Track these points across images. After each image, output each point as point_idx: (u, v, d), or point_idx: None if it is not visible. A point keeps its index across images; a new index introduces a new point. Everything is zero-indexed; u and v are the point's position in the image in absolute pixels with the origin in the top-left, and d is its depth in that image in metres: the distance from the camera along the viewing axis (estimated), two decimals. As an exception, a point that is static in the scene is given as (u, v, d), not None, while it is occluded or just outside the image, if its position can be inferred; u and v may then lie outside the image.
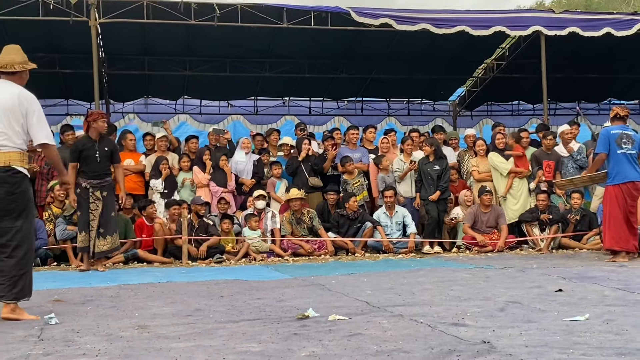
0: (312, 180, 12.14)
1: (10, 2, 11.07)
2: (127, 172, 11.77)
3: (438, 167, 11.67)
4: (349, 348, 4.05)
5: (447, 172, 11.76)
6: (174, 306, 6.01)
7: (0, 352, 4.12)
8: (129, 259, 10.63)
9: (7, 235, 5.50)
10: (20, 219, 5.53)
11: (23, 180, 5.64)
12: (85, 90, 13.62)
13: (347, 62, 15.51)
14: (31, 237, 5.74)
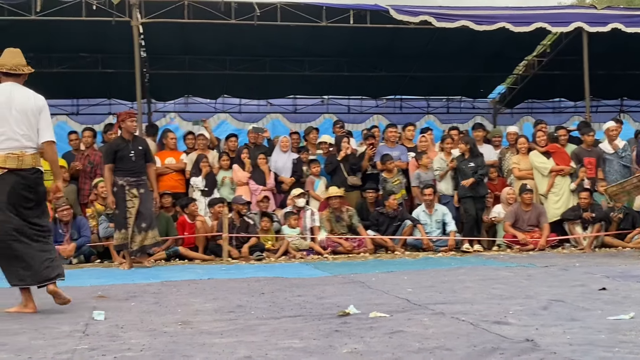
0: (350, 179, 12.13)
1: (54, 3, 11.23)
2: (168, 171, 11.92)
3: (473, 165, 11.59)
4: (390, 345, 4.05)
5: (482, 169, 11.66)
6: (215, 302, 6.07)
7: (47, 347, 4.19)
8: (170, 256, 10.74)
9: (47, 226, 5.94)
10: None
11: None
12: (128, 90, 13.75)
13: (386, 60, 15.45)
14: None
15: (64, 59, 14.18)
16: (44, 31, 12.91)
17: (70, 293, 6.83)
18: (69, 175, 11.70)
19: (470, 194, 11.56)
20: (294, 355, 3.85)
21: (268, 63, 15.03)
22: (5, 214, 5.63)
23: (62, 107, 16.42)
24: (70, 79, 15.12)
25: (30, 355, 3.95)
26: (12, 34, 12.82)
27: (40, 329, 4.83)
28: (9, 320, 5.24)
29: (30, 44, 13.54)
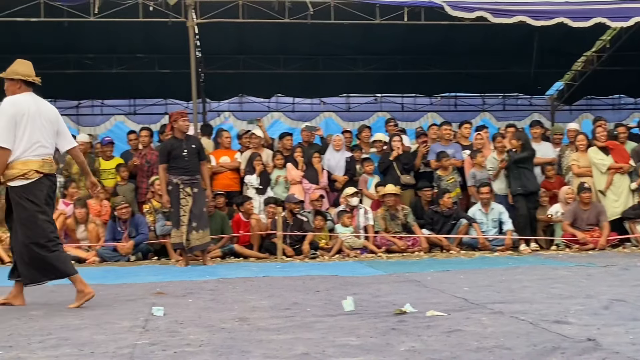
0: (403, 178, 12.06)
1: (112, 5, 11.41)
2: (223, 169, 12.02)
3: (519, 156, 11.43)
4: (448, 344, 4.02)
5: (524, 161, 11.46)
6: (271, 299, 6.10)
7: (109, 342, 4.26)
8: (226, 253, 10.84)
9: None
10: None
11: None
12: (183, 90, 13.95)
13: (440, 57, 15.35)
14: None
15: (121, 60, 14.42)
16: (102, 33, 13.15)
17: (130, 289, 7.00)
18: (127, 174, 11.89)
19: (521, 191, 11.39)
20: (351, 353, 3.85)
21: (321, 62, 15.07)
22: (47, 215, 5.94)
23: (120, 107, 16.72)
24: (128, 79, 15.38)
25: (93, 350, 4.02)
26: (71, 35, 13.16)
27: (101, 324, 4.92)
28: (70, 316, 5.35)
29: (89, 45, 13.89)
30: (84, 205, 10.90)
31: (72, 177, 11.71)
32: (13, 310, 5.68)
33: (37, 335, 4.54)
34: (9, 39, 13.33)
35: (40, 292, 6.93)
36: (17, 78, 6.08)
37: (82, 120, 16.80)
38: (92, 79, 15.27)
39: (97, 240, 10.85)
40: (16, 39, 13.39)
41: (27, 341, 4.34)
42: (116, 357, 3.83)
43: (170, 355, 3.87)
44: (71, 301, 6.07)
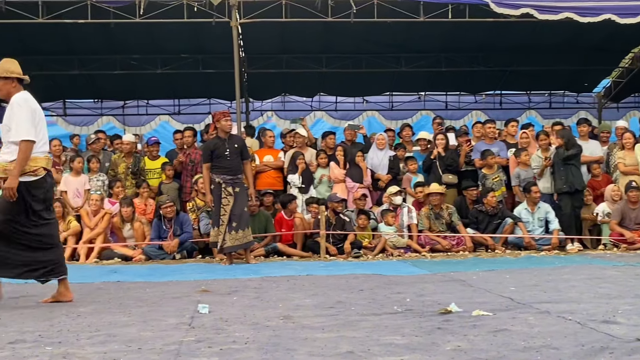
0: (445, 177, 11.97)
1: (157, 6, 11.53)
2: (267, 168, 12.07)
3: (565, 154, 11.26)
4: (495, 343, 3.99)
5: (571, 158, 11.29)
6: (315, 298, 6.10)
7: (155, 339, 4.30)
8: (269, 252, 10.88)
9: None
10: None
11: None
12: (226, 89, 14.03)
13: (485, 54, 15.22)
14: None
15: (166, 61, 14.56)
16: (148, 33, 13.29)
17: (175, 287, 7.07)
18: (172, 172, 12.00)
19: (566, 189, 11.23)
20: (397, 352, 3.83)
21: (364, 60, 15.03)
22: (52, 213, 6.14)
23: (164, 107, 16.90)
24: (172, 79, 15.54)
25: (140, 346, 4.07)
26: (117, 36, 13.33)
27: (148, 321, 4.97)
28: (118, 313, 5.41)
29: (135, 46, 14.06)
30: (130, 204, 11.03)
31: (119, 176, 11.86)
32: (61, 307, 5.76)
33: (86, 331, 4.61)
34: (58, 40, 13.57)
35: (87, 289, 7.05)
36: (12, 77, 6.12)
37: (128, 120, 17.03)
38: (137, 79, 15.46)
39: (142, 238, 10.97)
40: (64, 41, 13.64)
41: (75, 337, 4.40)
42: (163, 354, 3.87)
43: (216, 352, 3.90)
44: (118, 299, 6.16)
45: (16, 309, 5.72)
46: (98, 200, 11.09)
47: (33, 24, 11.76)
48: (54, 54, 14.27)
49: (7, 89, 6.10)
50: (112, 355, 3.85)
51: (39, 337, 4.42)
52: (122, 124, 16.94)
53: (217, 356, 3.80)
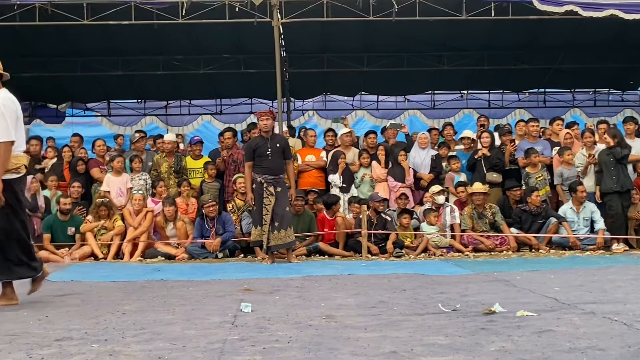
0: (490, 175, 11.86)
1: (199, 7, 11.62)
2: (309, 168, 12.09)
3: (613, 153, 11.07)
4: (540, 344, 3.95)
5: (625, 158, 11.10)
6: (357, 298, 6.10)
7: (199, 337, 4.34)
8: (311, 251, 10.90)
9: None
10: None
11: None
12: (268, 89, 14.08)
13: (528, 52, 15.07)
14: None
15: (208, 61, 14.67)
16: (190, 34, 13.40)
17: (218, 286, 7.11)
18: (215, 172, 12.08)
19: (617, 189, 11.05)
20: (440, 352, 3.81)
21: (406, 59, 14.97)
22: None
23: (206, 107, 17.03)
24: (214, 79, 15.65)
25: (184, 345, 4.10)
26: (160, 37, 13.47)
27: (191, 319, 5.01)
28: (162, 311, 5.46)
29: (177, 47, 14.19)
30: (173, 203, 11.14)
31: (161, 176, 11.98)
32: (107, 305, 5.84)
33: (131, 329, 4.66)
34: (102, 42, 13.75)
35: (132, 287, 7.14)
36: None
37: (171, 120, 17.21)
38: (180, 79, 15.61)
39: (185, 237, 11.07)
40: (108, 42, 13.81)
41: (121, 335, 4.46)
42: (207, 352, 3.89)
43: (259, 351, 3.91)
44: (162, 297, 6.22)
45: (62, 307, 5.80)
46: (140, 200, 11.22)
47: (78, 26, 11.93)
48: (98, 55, 14.48)
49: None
50: (157, 353, 3.89)
51: (86, 335, 4.48)
52: (165, 124, 17.13)
53: (260, 355, 3.82)
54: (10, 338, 4.40)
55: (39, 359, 3.82)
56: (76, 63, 14.48)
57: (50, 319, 5.16)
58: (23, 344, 4.21)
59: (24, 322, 4.99)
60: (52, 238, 10.94)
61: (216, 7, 11.63)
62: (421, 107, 17.28)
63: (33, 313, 5.44)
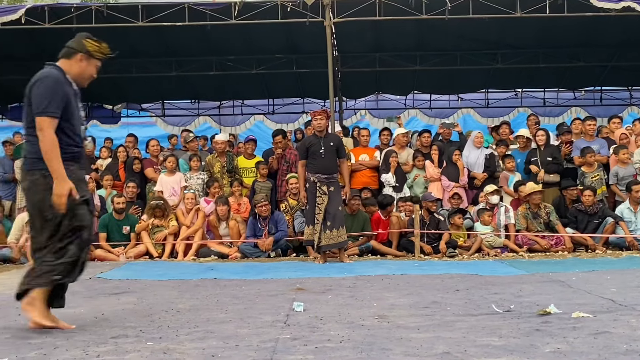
0: (546, 176, 11.68)
1: (251, 7, 11.69)
2: (362, 167, 12.08)
3: None
4: (596, 346, 3.88)
5: None
6: (410, 298, 6.07)
7: (252, 335, 4.37)
8: (363, 251, 10.88)
9: None
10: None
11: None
12: (320, 89, 14.10)
13: (584, 49, 14.79)
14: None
15: (260, 61, 14.75)
16: (243, 34, 13.48)
17: (271, 285, 7.15)
18: (266, 172, 12.14)
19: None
20: (494, 353, 3.77)
21: (459, 57, 14.84)
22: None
23: (259, 107, 17.13)
24: (267, 79, 15.73)
25: (237, 343, 4.13)
26: (213, 37, 13.60)
27: (244, 318, 5.05)
28: (215, 310, 5.52)
29: (231, 47, 14.30)
30: (226, 203, 11.23)
31: (214, 176, 12.09)
32: (161, 304, 5.91)
33: (185, 327, 4.72)
34: (157, 43, 13.93)
35: (186, 286, 7.22)
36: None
37: (223, 120, 17.35)
38: (232, 79, 15.72)
39: (238, 236, 11.15)
40: (163, 43, 13.99)
41: (175, 333, 4.51)
42: (260, 351, 3.92)
43: (311, 350, 3.92)
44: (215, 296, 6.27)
45: (118, 305, 5.90)
46: (192, 198, 11.35)
47: (133, 27, 12.12)
48: (152, 56, 14.68)
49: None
50: (211, 352, 3.92)
51: (140, 333, 4.55)
52: (218, 123, 17.28)
53: (313, 354, 3.82)
54: (67, 335, 4.49)
55: (95, 356, 3.89)
56: (131, 64, 14.68)
57: (106, 316, 5.25)
58: (80, 341, 4.28)
59: (81, 320, 5.08)
60: (108, 237, 11.13)
61: (269, 7, 11.68)
62: (475, 105, 17.12)
63: (89, 311, 5.55)
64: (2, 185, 12.51)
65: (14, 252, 10.48)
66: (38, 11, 11.64)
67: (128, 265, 9.88)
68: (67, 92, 4.81)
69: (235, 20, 11.72)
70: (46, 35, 12.80)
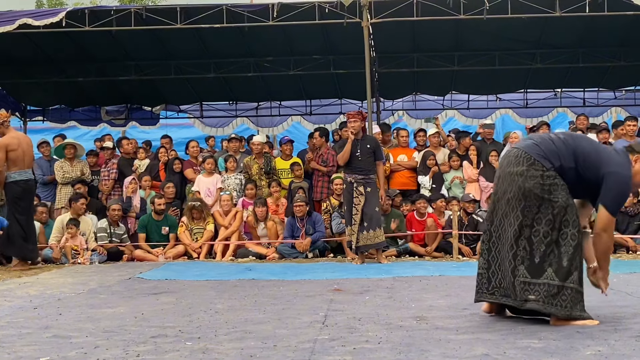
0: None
1: (289, 9, 11.72)
2: (400, 168, 12.05)
3: None
4: (637, 348, 3.84)
5: None
6: (448, 299, 6.04)
7: (290, 336, 4.38)
8: (401, 252, 10.85)
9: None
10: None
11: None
12: (357, 90, 14.09)
13: (625, 48, 14.55)
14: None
15: (298, 62, 14.77)
16: (280, 35, 13.53)
17: (308, 286, 7.16)
18: (302, 172, 12.17)
19: None
20: (534, 355, 3.74)
21: (497, 57, 14.71)
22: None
23: (296, 108, 17.14)
24: (304, 80, 15.74)
25: (275, 344, 4.15)
26: (251, 39, 13.66)
27: (282, 318, 5.06)
28: (253, 310, 5.54)
29: (268, 48, 14.35)
30: (264, 204, 11.27)
31: (253, 177, 12.14)
32: (200, 304, 5.96)
33: (223, 328, 4.74)
34: (195, 45, 14.03)
35: (224, 286, 7.27)
36: None
37: (261, 121, 17.39)
38: (270, 81, 15.77)
39: (276, 237, 11.19)
40: (201, 45, 14.08)
41: (214, 333, 4.54)
42: (298, 352, 3.92)
43: (349, 351, 3.92)
44: (253, 296, 6.28)
45: (157, 305, 5.95)
46: (228, 200, 11.43)
47: (171, 30, 12.23)
48: (191, 58, 14.78)
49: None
50: (249, 352, 3.94)
51: (179, 333, 4.58)
52: (255, 125, 17.33)
53: (351, 355, 3.82)
54: (107, 335, 4.54)
55: (135, 355, 3.93)
56: (170, 66, 14.81)
57: (146, 316, 5.30)
58: (120, 341, 4.33)
59: (121, 319, 5.14)
60: (147, 237, 11.25)
61: (306, 9, 11.70)
62: (513, 106, 16.95)
63: (129, 310, 5.61)
64: (41, 187, 12.67)
65: (55, 252, 10.63)
66: (78, 14, 11.80)
67: (167, 266, 9.97)
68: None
69: (273, 22, 11.76)
70: (86, 38, 12.99)
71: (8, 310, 5.73)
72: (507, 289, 4.79)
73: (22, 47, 13.51)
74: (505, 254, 4.76)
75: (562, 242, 4.63)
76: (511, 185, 4.71)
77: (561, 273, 4.60)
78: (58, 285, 7.48)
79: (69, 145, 12.69)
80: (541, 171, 4.63)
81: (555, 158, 4.66)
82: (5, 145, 9.58)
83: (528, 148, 4.73)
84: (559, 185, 4.63)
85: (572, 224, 4.63)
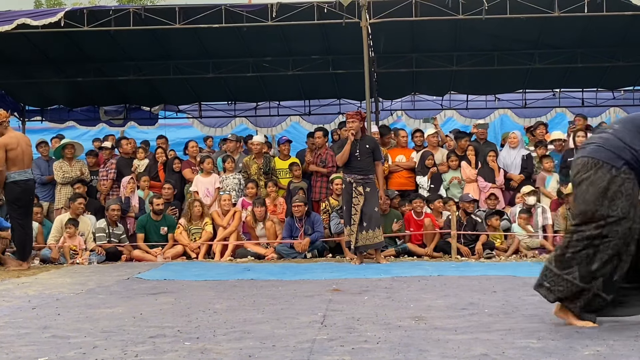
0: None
1: (288, 9, 11.72)
2: (399, 169, 12.05)
3: None
4: (636, 348, 3.85)
5: None
6: (447, 299, 6.04)
7: (289, 336, 4.38)
8: (399, 252, 10.85)
9: None
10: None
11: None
12: (356, 90, 14.10)
13: (624, 49, 14.55)
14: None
15: (296, 62, 14.78)
16: (279, 36, 13.52)
17: (307, 286, 7.16)
18: (300, 172, 12.17)
19: None
20: (533, 355, 3.75)
21: (496, 57, 14.72)
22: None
23: (295, 108, 17.14)
24: (303, 80, 15.75)
25: (274, 344, 4.15)
26: (250, 39, 13.66)
27: (281, 319, 5.07)
28: (252, 310, 5.54)
29: (267, 48, 14.35)
30: (263, 204, 11.27)
31: (252, 177, 12.14)
32: (199, 304, 5.96)
33: (222, 328, 4.75)
34: (194, 45, 14.02)
35: (223, 286, 7.26)
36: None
37: (260, 121, 17.39)
38: (269, 81, 15.77)
39: (274, 237, 11.18)
40: (199, 45, 14.07)
41: (212, 333, 4.54)
42: (296, 352, 3.93)
43: (348, 351, 3.92)
44: (252, 296, 6.28)
45: (156, 305, 5.95)
46: (227, 200, 11.43)
47: (170, 30, 12.23)
48: (189, 58, 14.78)
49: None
50: (248, 352, 3.94)
51: (178, 333, 4.58)
52: (254, 125, 17.33)
53: (349, 355, 3.83)
54: (106, 335, 4.55)
55: (134, 355, 3.93)
56: (168, 66, 14.80)
57: (144, 316, 5.30)
58: (118, 341, 4.33)
59: (119, 320, 5.14)
60: (146, 237, 11.24)
61: (305, 9, 11.70)
62: (512, 106, 16.95)
63: (128, 311, 5.61)
64: (40, 187, 12.65)
65: (53, 252, 10.62)
66: (77, 14, 11.79)
67: (165, 266, 9.97)
68: None
69: (272, 22, 11.76)
70: (85, 38, 12.99)
71: (6, 310, 5.74)
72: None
73: (21, 47, 13.51)
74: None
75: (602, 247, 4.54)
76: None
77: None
78: (56, 285, 7.47)
79: (68, 145, 12.67)
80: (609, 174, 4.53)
81: (624, 152, 4.56)
82: (5, 144, 9.58)
83: (593, 153, 4.65)
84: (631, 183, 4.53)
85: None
